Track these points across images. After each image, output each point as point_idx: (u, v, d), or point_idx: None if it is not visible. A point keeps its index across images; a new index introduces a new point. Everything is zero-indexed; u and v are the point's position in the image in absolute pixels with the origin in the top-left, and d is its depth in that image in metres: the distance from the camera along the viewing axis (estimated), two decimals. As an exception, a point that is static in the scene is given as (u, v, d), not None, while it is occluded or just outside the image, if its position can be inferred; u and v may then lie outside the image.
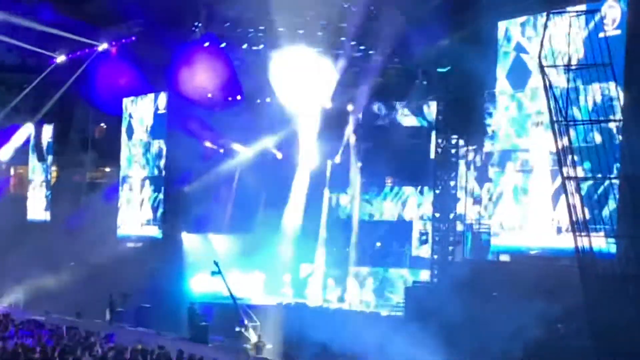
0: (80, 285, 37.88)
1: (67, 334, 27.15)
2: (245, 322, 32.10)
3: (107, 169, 45.90)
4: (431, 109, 37.54)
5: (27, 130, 46.93)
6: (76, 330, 27.53)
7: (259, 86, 38.27)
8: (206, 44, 36.26)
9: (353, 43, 35.89)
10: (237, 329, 32.36)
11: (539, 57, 24.13)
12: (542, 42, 24.17)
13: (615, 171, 24.47)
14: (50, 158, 47.53)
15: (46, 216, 47.48)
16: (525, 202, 29.73)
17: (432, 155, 35.54)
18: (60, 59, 40.03)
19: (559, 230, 27.72)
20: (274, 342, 31.69)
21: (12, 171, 51.39)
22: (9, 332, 26.91)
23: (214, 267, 33.29)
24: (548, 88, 23.80)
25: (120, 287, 36.62)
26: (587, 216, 23.57)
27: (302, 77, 36.94)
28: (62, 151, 46.75)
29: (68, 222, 42.60)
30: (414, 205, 39.40)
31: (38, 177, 48.38)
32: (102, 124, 45.11)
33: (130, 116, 42.39)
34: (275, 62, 36.89)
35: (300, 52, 36.44)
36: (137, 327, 33.73)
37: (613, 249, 23.88)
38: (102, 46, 38.57)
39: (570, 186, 23.58)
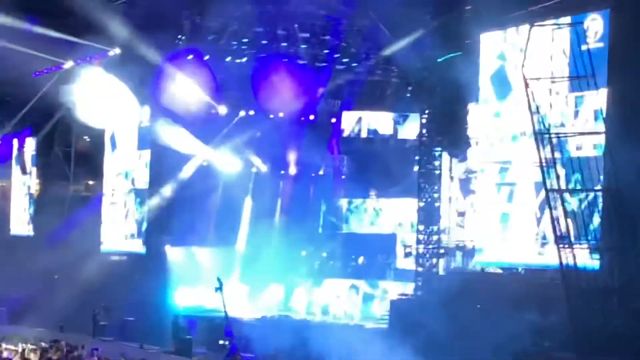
0: (63, 299, 37.69)
1: (50, 348, 27.06)
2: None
3: (91, 183, 45.69)
4: (415, 121, 37.59)
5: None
6: (60, 344, 27.42)
7: (243, 98, 38.28)
8: (189, 57, 36.23)
9: (337, 55, 35.91)
10: (221, 342, 32.27)
11: (522, 70, 24.20)
12: (525, 54, 24.24)
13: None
14: (34, 171, 47.35)
15: (29, 230, 47.27)
16: (509, 214, 29.78)
17: (416, 168, 35.53)
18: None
19: (543, 244, 27.74)
20: (258, 355, 31.59)
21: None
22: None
23: (216, 283, 33.18)
24: (531, 100, 23.86)
25: (104, 300, 36.49)
26: (571, 229, 23.61)
27: (286, 90, 36.93)
28: (45, 164, 46.56)
29: (51, 235, 42.39)
30: (398, 217, 39.45)
31: (21, 190, 48.18)
32: (85, 137, 44.93)
33: (113, 129, 42.20)
34: (257, 74, 36.89)
35: (283, 64, 36.48)
36: (120, 340, 33.61)
37: (597, 262, 23.91)
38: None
39: (554, 199, 23.63)
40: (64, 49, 37.62)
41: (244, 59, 37.14)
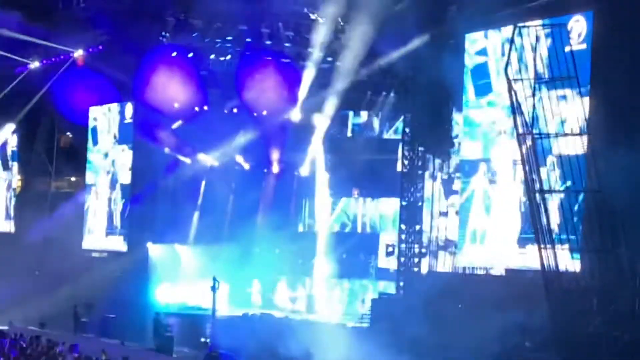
0: (44, 295, 37.58)
1: (30, 345, 26.95)
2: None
3: (73, 179, 45.58)
4: (398, 121, 37.66)
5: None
6: (40, 341, 27.30)
7: (226, 96, 38.27)
8: (174, 54, 36.19)
9: (320, 54, 35.91)
10: (203, 339, 32.29)
11: (506, 71, 24.24)
12: (508, 55, 24.30)
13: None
14: (15, 167, 47.18)
15: (10, 226, 47.12)
16: (491, 213, 29.90)
17: (399, 167, 35.56)
18: (34, 64, 39.67)
19: (523, 242, 27.87)
20: (240, 354, 31.58)
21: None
22: (-29, 343, 26.66)
23: (212, 282, 33.22)
24: (514, 101, 23.92)
25: (85, 297, 36.42)
26: (553, 230, 23.69)
27: (270, 88, 36.92)
28: (27, 160, 46.39)
29: (32, 231, 42.27)
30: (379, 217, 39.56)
31: (2, 185, 47.99)
32: (67, 133, 44.81)
33: (96, 125, 42.14)
34: (243, 73, 36.86)
35: (268, 63, 36.48)
36: (101, 337, 33.55)
37: (578, 263, 24.00)
38: (78, 52, 38.23)
39: (536, 199, 23.69)
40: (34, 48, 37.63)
41: (228, 57, 37.11)
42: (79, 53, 37.78)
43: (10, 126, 44.83)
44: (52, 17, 35.49)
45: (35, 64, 39.26)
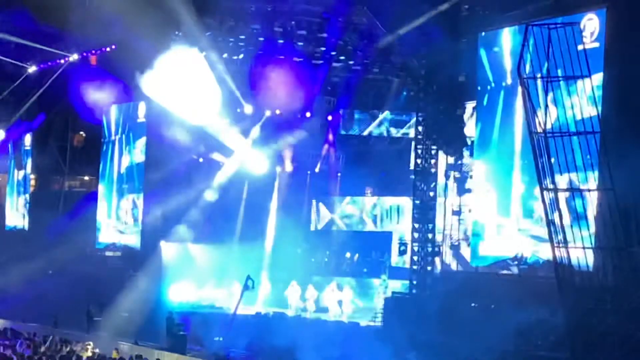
0: (57, 294, 37.68)
1: (44, 343, 27.06)
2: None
3: (86, 178, 45.72)
4: (411, 120, 37.63)
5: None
6: (54, 340, 27.41)
7: (239, 95, 38.28)
8: (187, 53, 36.20)
9: (333, 53, 35.91)
10: (216, 338, 32.33)
11: (518, 69, 24.22)
12: (521, 54, 24.25)
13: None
14: (29, 166, 47.34)
15: (24, 224, 47.28)
16: (504, 213, 29.92)
17: (412, 166, 35.54)
18: (32, 69, 39.75)
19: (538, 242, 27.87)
20: (252, 352, 31.63)
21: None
22: (-15, 341, 26.81)
23: (249, 282, 33.26)
24: (527, 100, 23.87)
25: (98, 296, 36.48)
26: (566, 228, 23.63)
27: (282, 87, 36.91)
28: (41, 159, 46.55)
29: (46, 230, 42.39)
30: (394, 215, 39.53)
31: (16, 184, 48.16)
32: (81, 132, 44.94)
33: (109, 125, 42.26)
34: (254, 71, 36.88)
35: (281, 62, 36.48)
36: (114, 336, 33.58)
37: (591, 261, 23.94)
38: (73, 57, 38.31)
39: (550, 198, 23.64)
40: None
41: (241, 56, 37.12)
42: (91, 53, 37.87)
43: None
44: (64, 15, 35.51)
45: (32, 68, 39.28)
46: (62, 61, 39.10)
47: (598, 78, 25.56)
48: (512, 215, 29.84)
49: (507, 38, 29.99)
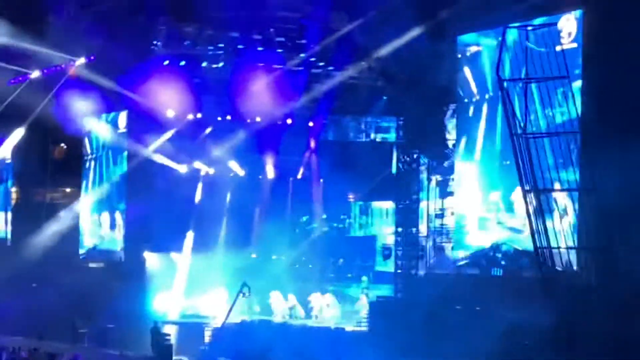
0: (42, 307, 37.56)
1: (29, 357, 26.97)
2: None
3: (68, 189, 45.55)
4: (392, 124, 37.66)
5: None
6: (39, 353, 27.32)
7: (220, 104, 38.25)
8: (166, 62, 36.17)
9: (313, 59, 35.93)
10: (202, 347, 32.30)
11: (497, 71, 24.29)
12: (500, 56, 24.34)
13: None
14: (10, 178, 47.14)
15: (7, 237, 47.07)
16: (487, 209, 30.09)
17: (394, 170, 35.58)
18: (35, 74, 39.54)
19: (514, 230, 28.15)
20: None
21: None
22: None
23: (244, 289, 33.22)
24: (506, 101, 23.95)
25: (83, 307, 36.38)
26: (550, 229, 23.71)
27: (263, 94, 36.90)
28: (22, 172, 46.35)
29: (29, 243, 42.21)
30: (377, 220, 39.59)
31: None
32: (62, 144, 44.77)
33: (90, 136, 42.14)
34: (235, 79, 36.85)
35: (261, 69, 36.47)
36: (100, 347, 33.50)
37: (575, 261, 24.05)
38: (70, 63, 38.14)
39: (532, 199, 23.71)
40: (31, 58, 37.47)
41: (221, 64, 37.09)
42: (70, 64, 37.70)
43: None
44: (43, 28, 35.40)
45: (36, 73, 39.07)
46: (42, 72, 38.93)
47: (577, 78, 25.64)
48: (493, 211, 30.12)
49: (487, 56, 30.22)
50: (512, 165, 26.64)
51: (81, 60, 37.14)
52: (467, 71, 31.18)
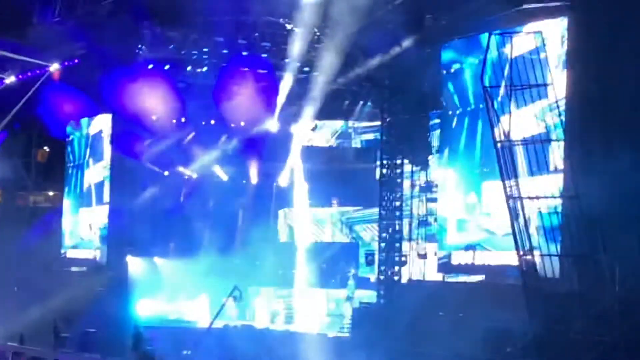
0: (24, 311, 37.43)
1: (11, 360, 26.91)
2: None
3: (51, 193, 45.45)
4: (376, 130, 37.69)
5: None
6: (22, 357, 27.24)
7: (204, 108, 38.22)
8: (150, 66, 36.12)
9: (297, 64, 35.93)
10: (185, 352, 32.24)
11: (481, 78, 24.33)
12: (484, 63, 24.38)
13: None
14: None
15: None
16: (468, 221, 30.17)
17: (378, 176, 35.60)
18: (10, 79, 39.39)
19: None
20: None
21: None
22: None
23: (235, 292, 33.16)
24: (490, 109, 23.98)
25: (65, 312, 36.25)
26: (532, 235, 23.75)
27: (247, 99, 36.90)
28: (4, 175, 46.18)
29: (11, 246, 42.08)
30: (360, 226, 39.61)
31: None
32: (45, 148, 44.67)
33: (73, 139, 42.07)
34: (220, 84, 36.83)
35: (246, 74, 36.46)
36: (82, 352, 33.38)
37: (557, 268, 24.07)
38: (54, 66, 38.04)
39: (515, 206, 23.74)
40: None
41: (205, 69, 37.06)
42: (54, 67, 37.57)
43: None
44: (26, 30, 35.30)
45: (10, 79, 38.94)
46: (24, 75, 38.79)
47: (561, 85, 25.69)
48: (471, 213, 30.50)
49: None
50: (491, 171, 27.24)
51: (55, 66, 37.05)
52: (450, 86, 31.42)
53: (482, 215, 30.02)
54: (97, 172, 40.40)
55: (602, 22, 24.49)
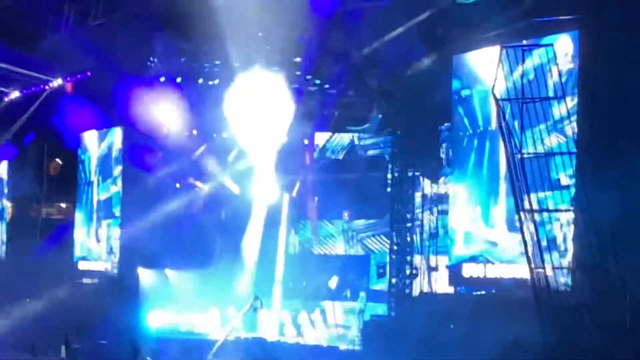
0: (35, 322, 37.50)
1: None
2: None
3: (63, 205, 45.59)
4: (387, 142, 37.70)
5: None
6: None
7: (215, 121, 38.28)
8: (162, 79, 36.24)
9: (309, 77, 36.01)
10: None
11: (493, 91, 24.37)
12: (496, 76, 24.41)
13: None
14: (5, 193, 47.14)
15: (1, 252, 47.02)
16: (481, 233, 30.15)
17: (389, 188, 35.60)
18: (14, 94, 39.63)
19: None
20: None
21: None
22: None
23: (256, 302, 33.18)
24: (502, 121, 24.01)
25: (76, 323, 36.31)
26: (543, 248, 23.75)
27: (258, 111, 36.95)
28: (17, 187, 46.37)
29: (23, 258, 42.21)
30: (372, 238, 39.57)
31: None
32: (57, 159, 44.82)
33: (85, 151, 42.20)
34: (230, 97, 36.90)
35: (256, 86, 36.50)
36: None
37: (568, 280, 24.09)
38: (57, 82, 38.26)
39: (526, 219, 23.74)
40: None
41: (216, 81, 37.15)
42: (58, 82, 37.77)
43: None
44: (39, 43, 35.49)
45: (14, 94, 39.13)
46: (37, 88, 39.01)
47: (573, 99, 25.73)
48: (476, 225, 30.50)
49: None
50: (496, 187, 28.06)
51: (58, 81, 37.21)
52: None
53: (487, 228, 30.10)
54: (109, 185, 40.51)
55: (614, 34, 24.55)
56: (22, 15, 34.75)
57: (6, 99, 39.43)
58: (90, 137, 41.77)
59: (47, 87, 38.51)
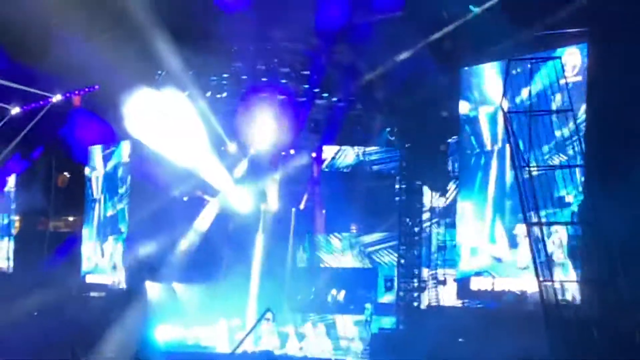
0: (42, 335, 37.43)
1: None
2: None
3: (71, 218, 45.59)
4: (395, 155, 37.66)
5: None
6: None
7: (223, 133, 38.28)
8: (170, 92, 36.23)
9: (317, 90, 36.01)
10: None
11: (501, 103, 24.33)
12: (504, 88, 24.36)
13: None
14: (13, 207, 47.16)
15: (9, 266, 47.01)
16: (486, 249, 30.22)
17: (397, 202, 35.56)
18: (15, 110, 39.58)
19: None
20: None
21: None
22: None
23: (268, 314, 33.14)
24: (510, 134, 23.95)
25: (83, 336, 36.24)
26: (552, 262, 23.68)
27: (266, 124, 36.98)
28: (25, 200, 46.37)
29: (30, 272, 42.19)
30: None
31: (1, 228, 47.93)
32: (65, 173, 44.84)
33: (93, 165, 42.22)
34: (239, 110, 36.92)
35: (264, 100, 36.52)
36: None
37: (577, 294, 24.01)
38: (56, 97, 38.22)
39: (535, 232, 23.66)
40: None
41: (224, 94, 37.16)
42: (57, 98, 37.70)
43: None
44: (45, 56, 35.50)
45: (15, 110, 39.08)
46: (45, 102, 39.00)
47: (581, 112, 25.68)
48: (481, 240, 30.73)
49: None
50: (502, 204, 28.18)
51: (57, 97, 37.16)
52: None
53: (491, 244, 30.22)
54: (116, 199, 40.52)
55: (623, 47, 24.49)
56: (28, 29, 34.80)
57: (12, 112, 39.39)
58: (97, 155, 41.88)
59: (53, 101, 38.46)
